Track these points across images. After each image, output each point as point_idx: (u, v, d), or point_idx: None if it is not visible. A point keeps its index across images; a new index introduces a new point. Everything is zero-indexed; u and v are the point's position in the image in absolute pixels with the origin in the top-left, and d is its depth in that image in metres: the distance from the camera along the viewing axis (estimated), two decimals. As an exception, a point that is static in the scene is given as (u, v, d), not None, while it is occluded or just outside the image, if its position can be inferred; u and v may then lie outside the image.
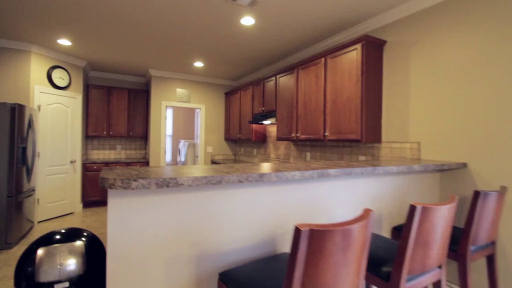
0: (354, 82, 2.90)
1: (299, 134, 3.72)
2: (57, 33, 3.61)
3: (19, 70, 3.94)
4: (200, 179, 1.24)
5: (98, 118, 5.39)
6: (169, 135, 8.25)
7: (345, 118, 2.99)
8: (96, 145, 5.68)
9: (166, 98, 5.60)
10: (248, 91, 5.13)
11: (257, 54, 4.36)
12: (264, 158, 5.18)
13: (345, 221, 1.02)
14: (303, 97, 3.65)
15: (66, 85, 4.51)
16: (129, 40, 3.83)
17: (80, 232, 1.60)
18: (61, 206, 4.57)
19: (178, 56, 4.54)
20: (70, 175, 4.71)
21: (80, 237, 1.58)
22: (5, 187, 3.21)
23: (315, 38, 3.62)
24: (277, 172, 1.46)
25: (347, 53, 2.99)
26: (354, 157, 3.30)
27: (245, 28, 3.35)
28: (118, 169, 1.40)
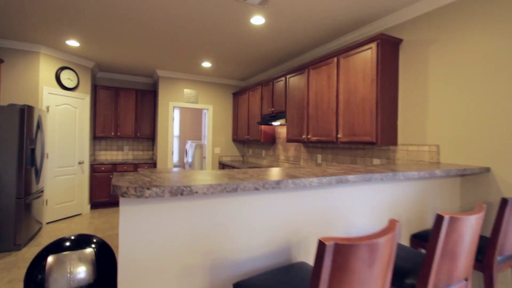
0: (368, 82, 2.80)
1: (310, 135, 3.63)
2: (66, 34, 3.59)
3: (28, 71, 3.94)
4: (215, 187, 1.18)
5: (105, 119, 5.38)
6: (176, 135, 8.23)
7: (359, 119, 2.90)
8: (103, 146, 5.67)
9: (174, 99, 5.56)
10: (257, 92, 5.06)
11: (266, 54, 4.28)
12: (273, 159, 5.10)
13: (371, 234, 0.96)
14: (314, 97, 3.57)
15: (74, 86, 4.50)
16: (137, 41, 3.79)
17: (90, 238, 1.55)
18: (69, 207, 4.56)
19: (186, 57, 4.49)
20: (78, 176, 4.70)
21: (90, 244, 1.52)
22: (14, 189, 3.20)
23: (327, 37, 3.53)
24: (294, 178, 1.38)
25: (361, 52, 2.89)
26: (368, 160, 3.20)
27: (255, 28, 3.28)
28: (129, 175, 1.34)
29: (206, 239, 1.34)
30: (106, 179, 5.15)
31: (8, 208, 3.17)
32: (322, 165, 3.88)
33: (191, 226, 1.30)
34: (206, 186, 1.15)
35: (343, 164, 3.53)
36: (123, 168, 5.28)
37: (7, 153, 3.16)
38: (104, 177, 5.13)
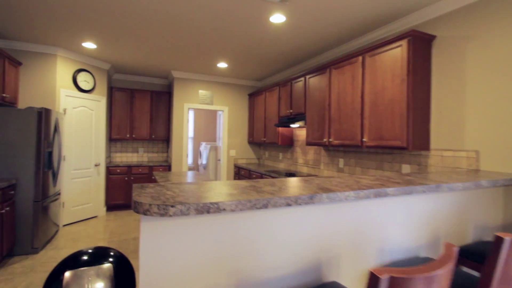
0: (398, 82, 2.61)
1: (331, 139, 3.45)
2: (82, 36, 3.56)
3: (45, 73, 3.94)
4: (244, 203, 1.04)
5: (121, 121, 5.36)
6: (190, 137, 8.18)
7: (387, 122, 2.70)
8: (119, 148, 5.67)
9: (189, 100, 5.49)
10: (274, 92, 4.91)
11: (285, 54, 4.13)
12: (291, 163, 4.94)
13: (429, 265, 0.84)
14: (337, 98, 3.39)
15: (90, 88, 4.49)
16: (153, 42, 3.72)
17: (108, 252, 1.45)
18: (85, 210, 4.55)
19: (201, 57, 4.40)
20: (94, 178, 4.69)
21: (108, 258, 1.42)
22: (32, 192, 3.18)
23: (351, 34, 3.34)
24: (328, 192, 1.23)
25: (390, 50, 2.70)
26: (395, 166, 3.00)
27: (275, 26, 3.14)
28: (150, 188, 1.22)
29: (232, 257, 1.21)
30: (122, 182, 5.13)
31: (25, 211, 3.15)
32: (344, 170, 3.70)
33: (216, 244, 1.18)
34: (234, 202, 1.02)
35: (368, 169, 3.33)
36: (138, 170, 5.25)
37: (25, 156, 3.14)
38: (120, 179, 5.11)
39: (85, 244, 3.53)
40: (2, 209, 2.79)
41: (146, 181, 5.33)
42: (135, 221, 4.60)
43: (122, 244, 3.57)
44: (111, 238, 3.80)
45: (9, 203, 2.95)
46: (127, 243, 3.62)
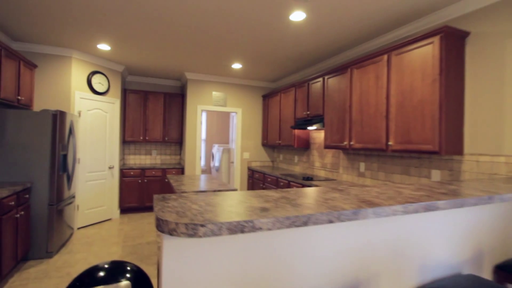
0: (429, 82, 2.43)
1: (353, 142, 3.29)
2: (97, 38, 3.51)
3: (60, 76, 3.92)
4: (282, 221, 0.91)
5: (134, 123, 5.33)
6: (203, 139, 8.12)
7: (416, 125, 2.53)
8: (132, 150, 5.64)
9: (202, 102, 5.40)
10: (290, 94, 4.77)
11: (303, 53, 3.98)
12: (307, 166, 4.79)
13: None
14: (359, 100, 3.22)
15: (105, 91, 4.46)
16: (167, 43, 3.65)
17: (125, 267, 1.34)
18: (99, 212, 4.52)
19: (216, 58, 4.30)
20: (108, 181, 4.65)
21: (126, 274, 1.32)
22: (47, 196, 3.14)
23: (375, 32, 3.18)
24: (374, 207, 1.08)
25: (420, 48, 2.52)
26: (424, 171, 2.81)
27: (294, 24, 3.00)
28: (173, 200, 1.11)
29: (267, 279, 1.09)
30: (135, 184, 5.09)
31: (40, 215, 3.12)
32: (365, 175, 3.53)
33: (249, 264, 1.05)
34: (271, 220, 0.89)
35: (392, 174, 3.15)
36: (152, 173, 5.19)
37: (39, 160, 3.11)
38: (133, 182, 5.07)
39: (99, 249, 3.48)
40: (17, 213, 2.75)
41: (159, 184, 5.27)
42: (148, 224, 4.53)
43: (136, 249, 3.50)
44: (125, 242, 3.74)
45: (24, 207, 2.91)
46: (141, 248, 3.54)
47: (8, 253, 2.59)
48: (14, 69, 3.16)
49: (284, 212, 0.95)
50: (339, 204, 1.10)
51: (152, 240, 3.82)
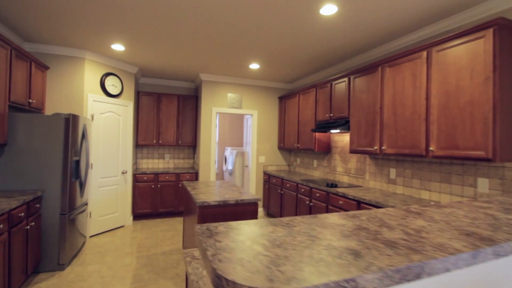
0: (480, 81, 2.16)
1: (384, 147, 3.02)
2: (111, 37, 3.35)
3: (73, 78, 3.78)
4: (392, 275, 0.67)
5: (148, 126, 5.17)
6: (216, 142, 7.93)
7: (464, 128, 2.25)
8: (145, 154, 5.48)
9: (217, 104, 5.21)
10: (310, 95, 4.53)
11: (327, 51, 3.73)
12: (328, 171, 4.52)
13: None
14: (391, 101, 2.96)
15: (118, 93, 4.30)
16: (183, 43, 3.46)
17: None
18: (112, 219, 4.36)
19: (233, 58, 4.10)
20: (121, 186, 4.49)
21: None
22: (58, 205, 2.98)
23: (410, 26, 2.91)
24: (493, 245, 0.83)
25: (467, 42, 2.25)
26: (468, 179, 2.52)
27: (324, 19, 2.76)
28: (223, 235, 0.88)
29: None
30: (149, 190, 4.92)
31: (52, 226, 2.95)
32: (397, 182, 3.25)
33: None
34: (377, 276, 0.65)
35: (430, 182, 2.87)
36: (165, 177, 5.02)
37: (51, 166, 2.95)
38: (147, 187, 4.90)
39: (112, 260, 3.30)
40: (27, 225, 2.58)
41: (173, 189, 5.08)
42: (162, 232, 4.34)
43: (151, 260, 3.31)
44: (139, 252, 3.55)
45: (35, 217, 2.74)
46: (156, 259, 3.34)
47: (18, 268, 2.42)
48: (25, 71, 3.02)
49: (386, 260, 0.70)
50: (444, 241, 0.84)
51: (167, 250, 3.62)
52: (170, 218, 5.08)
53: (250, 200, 2.70)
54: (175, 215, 5.20)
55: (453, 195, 2.64)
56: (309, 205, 3.90)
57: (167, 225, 4.71)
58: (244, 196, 2.76)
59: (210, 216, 2.56)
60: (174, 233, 4.32)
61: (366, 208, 2.85)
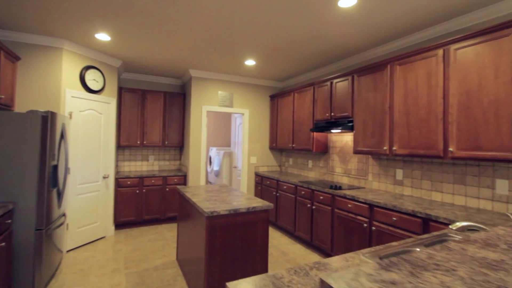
0: (506, 80, 2.10)
1: (395, 147, 2.92)
2: (96, 26, 2.93)
3: (49, 70, 3.28)
4: None
5: (131, 125, 4.71)
6: (199, 142, 7.55)
7: (488, 129, 2.19)
8: (127, 156, 5.01)
9: (207, 102, 4.88)
10: (307, 93, 4.37)
11: (332, 47, 3.57)
12: (325, 172, 4.40)
13: None
14: (403, 100, 2.87)
15: (100, 89, 3.84)
16: (173, 34, 3.12)
17: None
18: (92, 230, 3.88)
19: (228, 54, 3.82)
20: (102, 193, 4.03)
21: None
22: (34, 218, 2.52)
23: (424, 22, 2.83)
24: None
25: (490, 41, 2.19)
26: (485, 181, 2.48)
27: (341, 12, 2.58)
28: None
29: None
30: (132, 195, 4.48)
31: (26, 244, 2.49)
32: (404, 183, 3.18)
33: None
34: None
35: (442, 183, 2.81)
36: (151, 181, 4.60)
37: (25, 174, 2.49)
38: (130, 193, 4.46)
39: (98, 279, 2.88)
40: (-3, 245, 2.13)
41: (160, 194, 4.68)
42: (150, 242, 3.95)
43: (143, 278, 2.94)
44: (127, 268, 3.16)
45: (5, 236, 2.29)
46: (149, 276, 2.98)
47: (-14, 299, 1.98)
48: (-10, 60, 2.52)
49: None
50: None
51: (160, 264, 3.26)
52: (156, 226, 4.68)
53: (262, 208, 2.46)
54: (162, 222, 4.80)
55: (468, 197, 2.60)
56: (311, 208, 3.74)
57: (154, 233, 4.32)
58: (255, 203, 2.52)
59: (220, 227, 2.29)
60: (164, 242, 3.95)
61: (379, 212, 2.73)
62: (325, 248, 3.44)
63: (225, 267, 2.30)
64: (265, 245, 2.50)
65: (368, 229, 2.87)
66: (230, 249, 2.33)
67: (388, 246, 1.46)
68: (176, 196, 4.80)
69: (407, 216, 2.48)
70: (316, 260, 1.29)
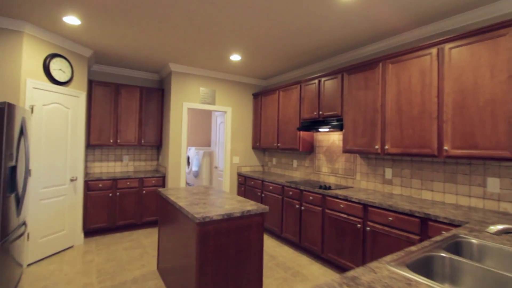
0: (502, 79, 2.11)
1: (387, 146, 2.89)
2: (64, 7, 2.56)
3: (6, 57, 2.83)
4: None
5: (103, 122, 4.29)
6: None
7: (485, 128, 2.20)
8: (98, 156, 4.56)
9: (188, 99, 4.60)
10: (293, 92, 4.26)
11: (324, 44, 3.47)
12: (311, 171, 4.32)
13: None
14: (395, 99, 2.84)
15: (67, 80, 3.41)
16: (155, 21, 2.84)
17: None
18: (58, 240, 3.45)
19: (212, 47, 3.58)
20: (69, 197, 3.60)
21: None
22: (-13, 230, 2.12)
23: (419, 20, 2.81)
24: None
25: (486, 40, 2.20)
26: (476, 179, 2.51)
27: (341, 5, 2.47)
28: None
29: None
30: (104, 199, 4.07)
31: (-23, 260, 2.09)
32: (393, 182, 3.17)
33: None
34: None
35: (432, 182, 2.82)
36: (126, 184, 4.22)
37: (-24, 177, 2.08)
38: (102, 196, 4.05)
39: (67, 296, 2.52)
40: None
41: (136, 197, 4.31)
42: (125, 250, 3.60)
43: (121, 291, 2.63)
44: (101, 282, 2.81)
45: (-50, 252, 1.88)
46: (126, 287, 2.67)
47: None
48: None
49: None
50: None
51: (139, 276, 2.95)
52: (132, 232, 4.30)
53: (257, 211, 2.28)
54: (138, 228, 4.43)
55: (459, 195, 2.62)
56: (299, 209, 3.62)
57: (130, 241, 3.95)
58: (249, 206, 2.33)
59: (213, 234, 2.07)
60: (142, 250, 3.62)
61: (374, 212, 2.67)
62: (315, 250, 3.34)
63: (218, 278, 2.09)
64: (260, 252, 2.32)
65: (361, 230, 2.80)
66: (223, 257, 2.12)
67: (409, 252, 1.36)
68: (154, 199, 4.45)
69: (404, 216, 2.43)
70: (340, 275, 1.14)
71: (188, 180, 6.93)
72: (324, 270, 3.12)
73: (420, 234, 2.32)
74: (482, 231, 1.77)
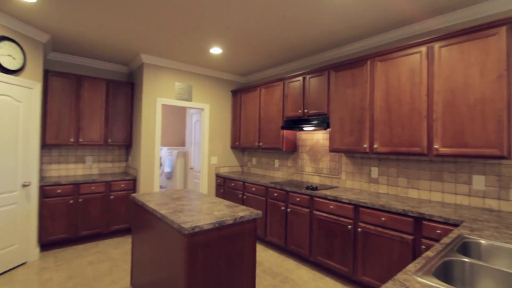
0: (492, 78, 2.14)
1: (376, 145, 2.85)
2: (15, -24, 2.13)
3: None
4: None
5: (62, 119, 3.77)
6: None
7: (475, 126, 2.22)
8: (56, 158, 4.01)
9: (162, 94, 4.23)
10: (275, 89, 4.11)
11: (311, 39, 3.34)
12: (294, 171, 4.20)
13: None
14: (384, 97, 2.81)
15: (18, 68, 2.90)
16: (123, 4, 2.51)
17: None
18: (7, 256, 2.93)
19: (190, 37, 3.30)
20: (21, 205, 3.08)
21: None
22: None
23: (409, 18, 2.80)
24: None
25: (476, 40, 2.22)
26: (462, 177, 2.55)
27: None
28: None
29: None
30: (64, 206, 3.57)
31: None
32: (379, 181, 3.15)
33: None
34: None
35: (419, 181, 2.84)
36: (90, 188, 3.75)
37: None
38: (61, 204, 3.55)
39: (21, 326, 2.10)
40: None
41: (102, 203, 3.86)
42: (90, 265, 3.17)
43: (89, 314, 2.26)
44: (64, 303, 2.41)
45: None
46: (97, 311, 2.31)
47: None
48: None
49: None
50: None
51: (110, 292, 2.59)
52: (97, 243, 3.84)
53: (250, 217, 2.08)
54: (105, 237, 3.97)
55: (446, 193, 2.65)
56: (285, 211, 3.48)
57: (96, 253, 3.51)
58: (240, 212, 2.11)
59: (203, 246, 1.83)
60: (111, 264, 3.21)
61: (366, 213, 2.61)
62: (302, 253, 3.22)
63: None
64: (253, 262, 2.12)
65: (352, 231, 2.73)
66: (214, 270, 1.88)
67: (428, 258, 1.26)
68: (124, 205, 4.02)
69: (397, 216, 2.38)
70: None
71: (161, 182, 6.48)
72: (313, 274, 3.01)
73: (414, 234, 2.29)
74: (483, 230, 1.75)
